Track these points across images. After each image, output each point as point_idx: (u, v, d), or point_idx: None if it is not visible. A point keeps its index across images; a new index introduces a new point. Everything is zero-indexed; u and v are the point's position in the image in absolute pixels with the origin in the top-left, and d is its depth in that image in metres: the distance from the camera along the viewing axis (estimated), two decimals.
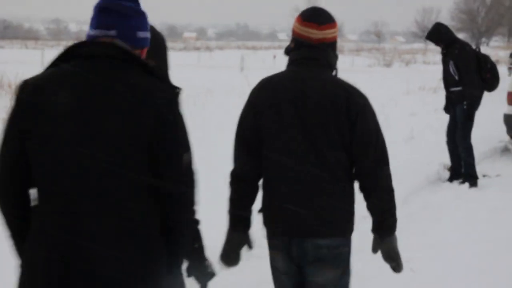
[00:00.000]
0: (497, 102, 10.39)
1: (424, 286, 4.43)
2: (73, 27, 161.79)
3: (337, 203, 2.76)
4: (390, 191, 2.78)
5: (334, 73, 2.85)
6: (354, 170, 2.79)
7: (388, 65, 32.27)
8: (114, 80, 1.98)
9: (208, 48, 56.85)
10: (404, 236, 3.55)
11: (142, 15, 2.15)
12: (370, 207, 2.82)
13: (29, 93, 1.99)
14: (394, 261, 2.88)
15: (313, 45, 2.77)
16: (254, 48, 56.18)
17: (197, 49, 54.50)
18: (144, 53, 2.19)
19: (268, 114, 2.77)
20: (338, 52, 2.89)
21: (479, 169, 7.69)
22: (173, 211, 2.05)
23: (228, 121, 4.86)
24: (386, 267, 3.03)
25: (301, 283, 2.91)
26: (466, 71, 7.14)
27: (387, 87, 18.10)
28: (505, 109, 9.06)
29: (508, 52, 27.37)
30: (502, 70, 25.44)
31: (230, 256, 2.95)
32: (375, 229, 2.85)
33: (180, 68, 22.54)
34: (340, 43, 71.56)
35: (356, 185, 2.85)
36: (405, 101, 14.80)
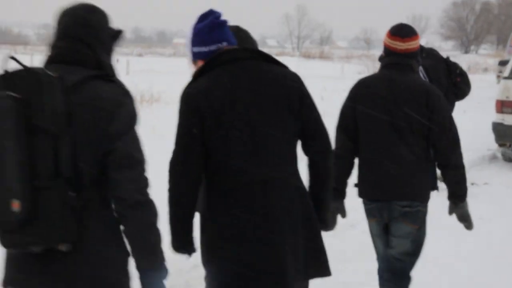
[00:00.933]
0: (486, 110, 10.41)
1: None
2: None
3: (417, 176, 3.49)
4: (461, 168, 3.56)
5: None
6: (432, 151, 3.51)
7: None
8: (265, 71, 2.58)
9: None
10: None
11: None
12: (445, 180, 3.60)
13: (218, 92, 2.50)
14: (467, 221, 3.66)
15: (398, 54, 3.51)
16: None
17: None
18: None
19: (364, 106, 3.51)
20: (420, 59, 3.67)
21: (467, 177, 7.66)
22: (320, 158, 2.69)
23: None
24: (373, 274, 3.02)
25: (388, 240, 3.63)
26: (434, 69, 7.19)
27: None
28: (494, 117, 9.07)
29: (497, 60, 27.48)
30: (491, 78, 25.54)
31: None
32: (450, 197, 3.62)
33: (171, 74, 22.55)
34: (329, 50, 70.61)
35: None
36: None
